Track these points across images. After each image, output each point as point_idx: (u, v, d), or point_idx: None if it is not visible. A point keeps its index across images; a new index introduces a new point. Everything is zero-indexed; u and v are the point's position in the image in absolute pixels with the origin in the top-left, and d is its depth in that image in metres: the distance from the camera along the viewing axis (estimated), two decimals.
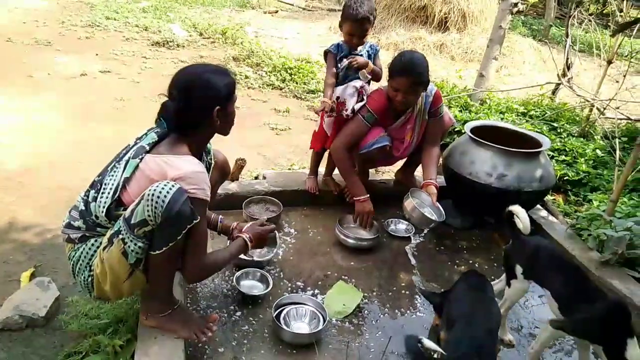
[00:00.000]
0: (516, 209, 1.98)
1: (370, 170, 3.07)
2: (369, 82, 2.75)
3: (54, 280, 2.13)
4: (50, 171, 3.07)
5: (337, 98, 2.61)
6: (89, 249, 1.65)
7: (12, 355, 1.83)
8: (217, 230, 2.21)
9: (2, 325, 1.92)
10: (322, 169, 2.98)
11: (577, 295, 1.74)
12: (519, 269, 1.91)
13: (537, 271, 1.88)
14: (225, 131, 1.82)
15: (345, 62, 2.64)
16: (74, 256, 1.66)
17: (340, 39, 2.84)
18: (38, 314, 1.95)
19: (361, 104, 2.59)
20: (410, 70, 2.41)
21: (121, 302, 1.94)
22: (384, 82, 2.70)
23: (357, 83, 2.60)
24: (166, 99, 1.70)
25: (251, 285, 2.17)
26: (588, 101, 4.46)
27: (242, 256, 2.27)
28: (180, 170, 1.57)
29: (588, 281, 1.80)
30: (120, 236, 1.55)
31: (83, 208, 1.64)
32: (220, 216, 2.22)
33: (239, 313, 2.02)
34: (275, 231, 2.33)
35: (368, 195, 2.62)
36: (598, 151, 3.74)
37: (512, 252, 1.98)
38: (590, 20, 5.37)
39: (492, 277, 2.35)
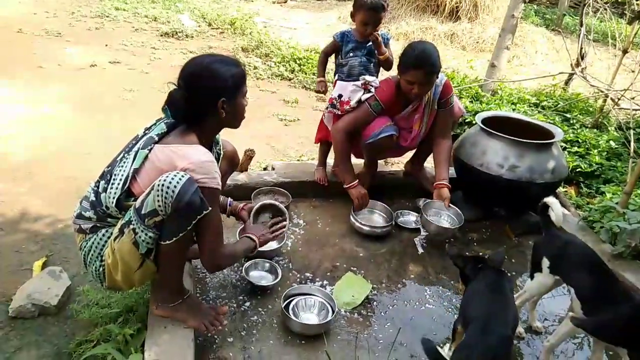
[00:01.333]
0: (551, 200, 1.94)
1: (379, 161, 3.04)
2: (377, 75, 2.74)
3: (65, 270, 2.16)
4: (60, 162, 3.09)
5: (340, 96, 2.59)
6: (100, 239, 1.66)
7: (25, 343, 1.86)
8: (227, 213, 2.20)
9: (16, 314, 1.95)
10: (330, 160, 2.97)
11: (603, 296, 1.70)
12: (545, 262, 1.87)
13: (564, 267, 1.84)
14: (233, 124, 1.80)
15: (359, 81, 2.60)
16: (85, 246, 1.67)
17: (349, 28, 2.82)
18: (50, 302, 1.98)
19: (368, 95, 2.55)
20: (424, 63, 2.37)
21: (132, 292, 1.96)
22: (392, 72, 2.67)
23: (359, 83, 2.57)
24: (174, 87, 1.69)
25: (260, 276, 2.18)
26: (602, 91, 4.39)
27: None
28: (189, 159, 1.57)
29: (616, 282, 1.74)
30: (131, 226, 1.56)
31: (93, 198, 1.65)
32: (229, 199, 2.22)
33: (248, 303, 2.03)
34: (287, 217, 2.30)
35: (357, 180, 2.64)
36: (612, 142, 3.68)
37: (541, 245, 1.95)
38: (605, 9, 5.26)
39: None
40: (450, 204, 2.61)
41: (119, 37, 5.83)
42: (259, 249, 2.26)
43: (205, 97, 1.66)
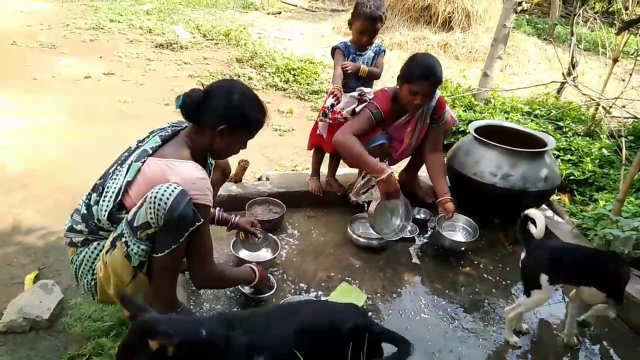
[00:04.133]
0: (534, 212, 1.93)
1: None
2: (371, 86, 2.77)
3: (57, 283, 2.13)
4: (54, 173, 3.08)
5: (332, 105, 2.60)
6: (92, 252, 1.65)
7: (17, 358, 1.83)
8: (216, 222, 2.20)
9: (7, 328, 1.93)
10: (324, 169, 2.97)
11: (610, 270, 1.85)
12: (544, 278, 1.85)
13: (565, 273, 1.86)
14: (218, 155, 1.82)
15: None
16: (76, 260, 1.66)
17: (344, 39, 2.86)
18: (42, 316, 1.95)
19: (361, 106, 2.56)
20: (432, 75, 2.39)
21: None
22: (386, 83, 2.69)
23: (355, 94, 2.59)
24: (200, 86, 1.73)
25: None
26: (594, 100, 4.43)
27: (245, 258, 2.28)
28: (181, 175, 1.57)
29: (604, 252, 1.95)
30: (123, 239, 1.55)
31: (85, 211, 1.64)
32: (219, 208, 2.22)
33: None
34: (278, 246, 2.38)
35: (391, 169, 2.48)
36: (604, 150, 3.70)
37: (532, 262, 1.92)
38: (595, 19, 5.34)
39: (498, 278, 2.34)
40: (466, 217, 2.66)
41: (113, 49, 5.85)
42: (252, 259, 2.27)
43: (214, 114, 1.66)
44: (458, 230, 2.70)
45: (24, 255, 2.36)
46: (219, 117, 1.66)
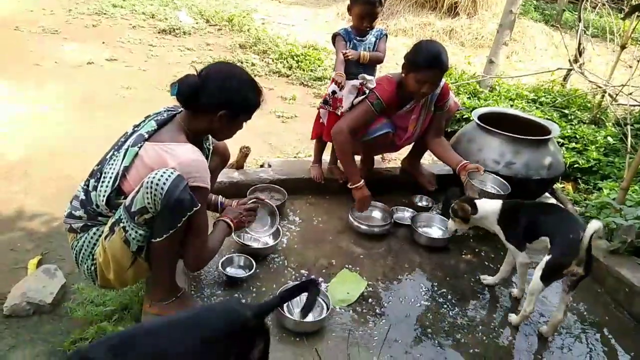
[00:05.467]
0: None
1: (376, 157, 3.04)
2: (373, 73, 2.75)
3: (60, 268, 2.16)
4: (56, 160, 3.09)
5: (334, 92, 2.58)
6: (91, 238, 1.65)
7: (20, 342, 1.86)
8: (219, 212, 2.18)
9: (10, 312, 1.95)
10: (327, 157, 2.96)
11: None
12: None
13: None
14: (219, 137, 1.82)
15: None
16: (76, 246, 1.67)
17: (348, 25, 2.84)
18: (45, 300, 1.98)
19: (360, 98, 2.54)
20: (439, 63, 2.36)
21: (126, 290, 1.96)
22: (390, 70, 2.67)
23: (357, 82, 2.56)
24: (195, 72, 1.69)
25: (235, 272, 2.16)
26: (600, 87, 4.38)
27: (247, 243, 2.28)
28: (179, 158, 1.56)
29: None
30: (122, 224, 1.55)
31: (83, 197, 1.65)
32: (220, 196, 2.21)
33: (243, 301, 2.03)
34: (277, 212, 2.32)
35: (362, 180, 2.57)
36: (609, 138, 3.67)
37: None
38: (604, 4, 5.24)
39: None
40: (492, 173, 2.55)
41: (116, 35, 5.81)
42: (253, 246, 2.27)
43: (215, 99, 1.65)
44: (488, 187, 2.53)
45: (27, 240, 2.39)
46: (219, 103, 1.65)
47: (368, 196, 2.59)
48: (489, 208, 2.14)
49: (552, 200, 2.91)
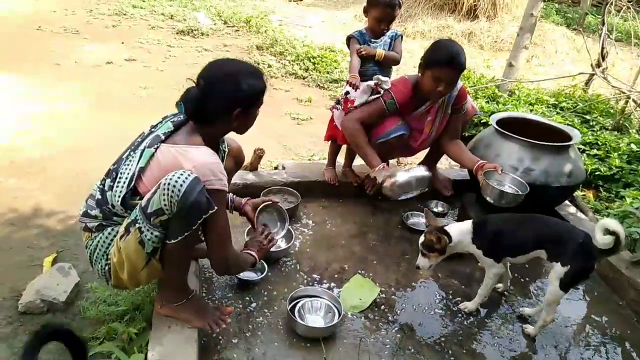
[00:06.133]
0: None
1: (392, 161, 3.00)
2: (389, 75, 2.72)
3: (74, 266, 2.17)
4: (74, 158, 3.12)
5: (347, 93, 2.56)
6: (106, 237, 1.65)
7: None
8: (230, 209, 2.17)
9: (25, 309, 1.97)
10: (341, 159, 2.94)
11: None
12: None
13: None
14: (241, 131, 1.80)
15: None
16: (91, 245, 1.68)
17: (361, 27, 2.82)
18: (59, 298, 1.99)
19: (374, 96, 2.51)
20: (457, 61, 2.33)
21: (139, 290, 1.95)
22: (407, 72, 2.63)
23: (372, 82, 2.54)
24: (193, 84, 1.67)
25: (247, 275, 2.14)
26: (624, 93, 4.26)
27: None
28: (195, 161, 1.55)
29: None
30: (137, 225, 1.55)
31: (99, 197, 1.65)
32: (231, 194, 2.18)
33: (254, 304, 2.02)
34: (286, 214, 2.28)
35: (384, 164, 2.46)
36: (633, 145, 3.56)
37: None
38: (629, 7, 5.12)
39: (515, 275, 2.28)
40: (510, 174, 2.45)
41: (135, 35, 5.88)
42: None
43: (224, 104, 1.64)
44: (506, 188, 2.43)
45: (43, 238, 2.41)
46: (230, 105, 1.64)
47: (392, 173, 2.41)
48: (461, 230, 2.04)
49: (572, 209, 2.83)
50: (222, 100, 1.63)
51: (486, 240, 2.01)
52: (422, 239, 2.06)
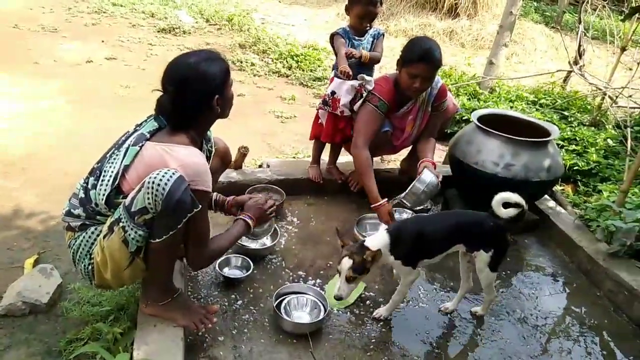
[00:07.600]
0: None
1: (375, 159, 3.03)
2: (372, 72, 2.74)
3: (56, 267, 2.14)
4: (54, 157, 3.07)
5: (333, 93, 2.57)
6: (89, 237, 1.64)
7: (15, 341, 1.84)
8: (214, 209, 2.16)
9: (6, 312, 1.93)
10: (325, 157, 2.95)
11: None
12: None
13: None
14: (224, 115, 1.79)
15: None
16: (74, 244, 1.66)
17: (345, 25, 2.83)
18: (41, 300, 1.96)
19: (359, 102, 2.53)
20: (431, 57, 2.37)
21: (122, 290, 1.94)
22: (390, 70, 2.66)
23: (356, 82, 2.56)
24: (160, 93, 1.65)
25: (232, 273, 2.16)
26: (600, 89, 4.37)
27: (244, 244, 2.27)
28: (180, 160, 1.55)
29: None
30: (121, 224, 1.54)
31: (83, 196, 1.63)
32: (216, 192, 2.18)
33: (239, 302, 2.02)
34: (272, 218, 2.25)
35: (385, 200, 2.51)
36: (609, 140, 3.66)
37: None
38: (604, 6, 5.24)
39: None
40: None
41: (115, 33, 5.79)
42: (251, 246, 2.26)
43: (200, 98, 1.64)
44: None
45: (24, 239, 2.37)
46: (206, 97, 1.64)
47: (391, 213, 2.51)
48: (380, 242, 1.86)
49: (552, 204, 2.90)
50: (197, 97, 1.63)
51: (404, 247, 1.89)
52: (346, 262, 1.79)
